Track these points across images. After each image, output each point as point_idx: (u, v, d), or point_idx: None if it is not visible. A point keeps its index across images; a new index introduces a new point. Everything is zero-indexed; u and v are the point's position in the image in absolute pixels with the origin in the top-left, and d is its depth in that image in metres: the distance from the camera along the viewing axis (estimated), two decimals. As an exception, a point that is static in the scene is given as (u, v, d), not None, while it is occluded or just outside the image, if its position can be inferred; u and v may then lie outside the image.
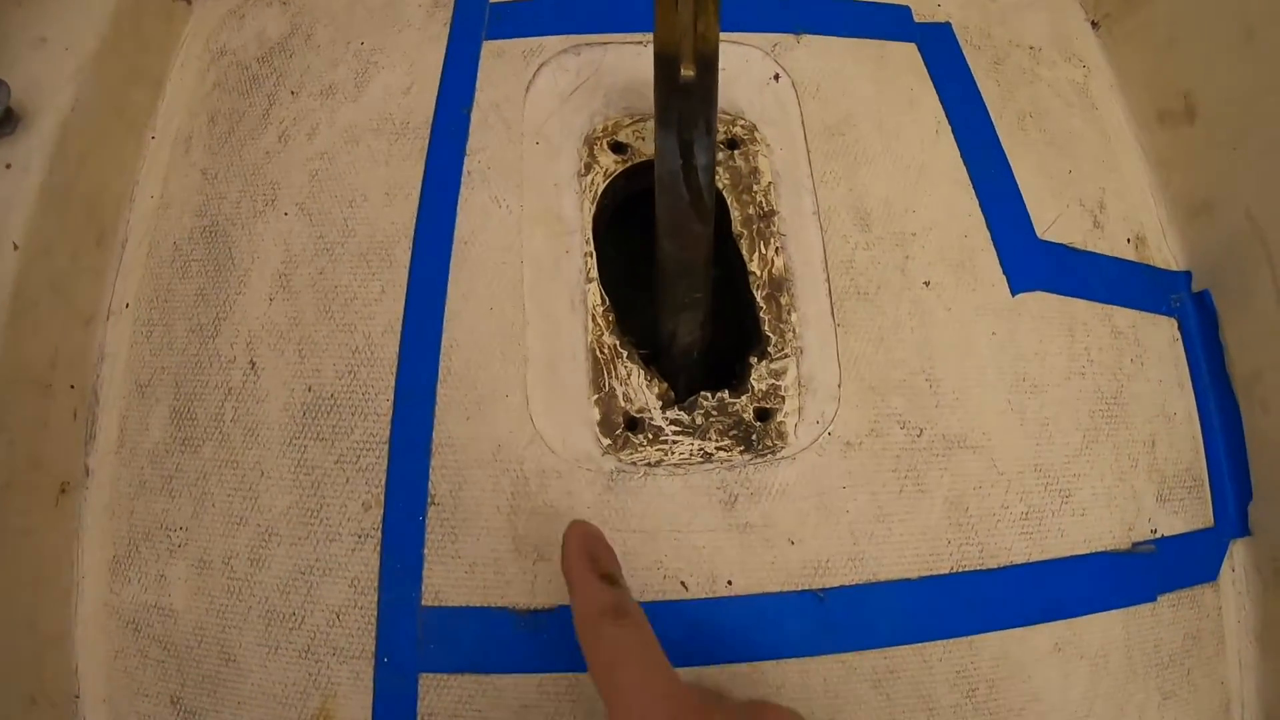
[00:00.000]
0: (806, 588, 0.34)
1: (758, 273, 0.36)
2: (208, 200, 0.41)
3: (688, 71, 0.29)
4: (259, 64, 0.43)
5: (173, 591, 0.36)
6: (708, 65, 0.29)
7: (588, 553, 0.27)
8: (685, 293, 0.34)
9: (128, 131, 0.43)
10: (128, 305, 0.41)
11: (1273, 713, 0.39)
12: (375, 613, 0.33)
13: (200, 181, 0.41)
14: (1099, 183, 0.42)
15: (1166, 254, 0.42)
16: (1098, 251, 0.41)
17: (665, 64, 0.29)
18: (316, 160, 0.40)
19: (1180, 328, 0.41)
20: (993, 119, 0.41)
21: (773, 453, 0.34)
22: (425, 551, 0.34)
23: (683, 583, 0.33)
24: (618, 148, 0.38)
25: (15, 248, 0.36)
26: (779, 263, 0.36)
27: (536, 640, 0.33)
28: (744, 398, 0.35)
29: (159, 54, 0.45)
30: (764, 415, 0.35)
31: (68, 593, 0.37)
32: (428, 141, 0.38)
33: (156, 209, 0.42)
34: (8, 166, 0.37)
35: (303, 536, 0.35)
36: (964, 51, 0.42)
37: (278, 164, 0.40)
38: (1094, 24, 0.47)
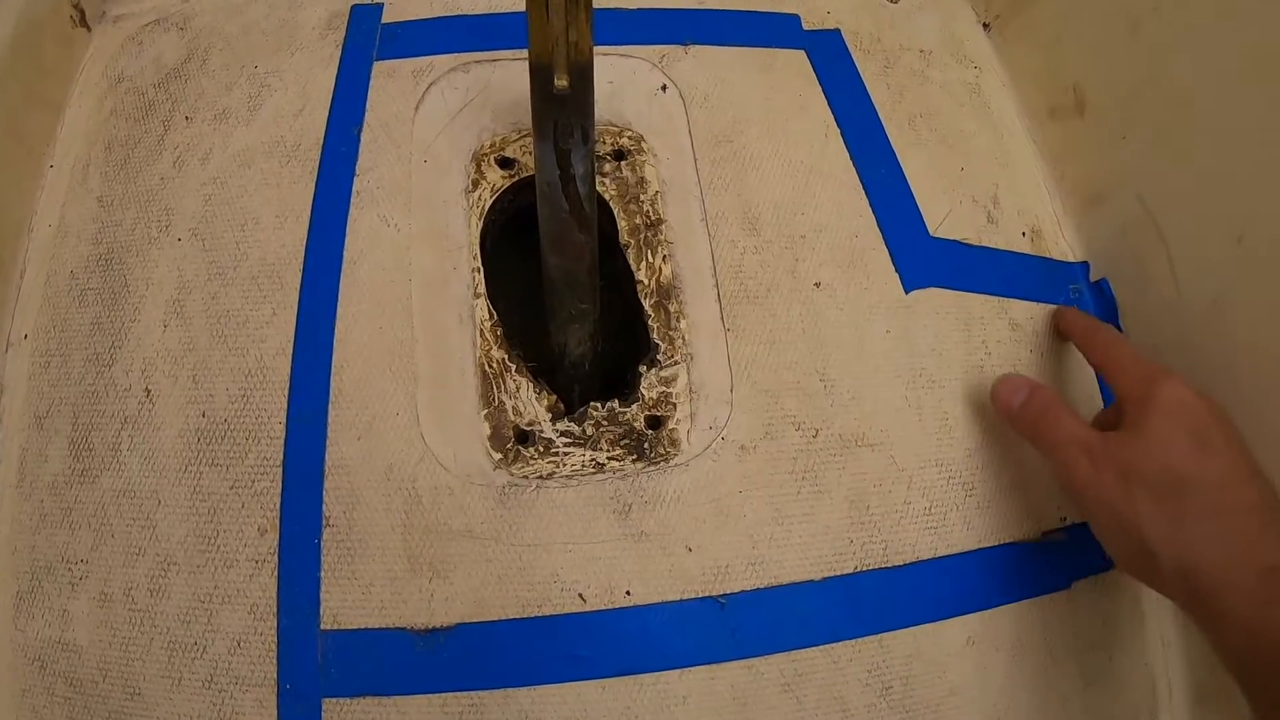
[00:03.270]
0: (706, 594, 0.34)
1: (645, 281, 0.36)
2: (104, 228, 0.40)
3: (561, 81, 0.29)
4: (155, 90, 0.43)
5: (75, 626, 0.35)
6: (582, 75, 0.29)
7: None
8: (572, 304, 0.34)
9: (27, 158, 0.42)
10: (26, 336, 0.40)
11: (1202, 689, 0.39)
12: (275, 639, 0.33)
13: (97, 209, 0.41)
14: (992, 179, 0.42)
15: (1064, 245, 0.43)
16: (993, 246, 0.41)
17: (539, 74, 0.29)
18: (210, 185, 0.39)
19: (1082, 318, 0.42)
20: (882, 121, 0.41)
21: (666, 460, 0.34)
22: (322, 575, 0.33)
23: (580, 595, 0.33)
24: (505, 163, 0.38)
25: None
26: (667, 270, 0.36)
27: (436, 659, 0.33)
28: (634, 406, 0.35)
29: (58, 80, 0.44)
30: (655, 423, 0.35)
31: (-27, 633, 0.37)
32: (318, 163, 0.38)
33: (54, 237, 0.41)
34: (-98, 195, 0.37)
35: (201, 564, 0.34)
36: (854, 57, 0.43)
37: (172, 190, 0.40)
38: (985, 26, 0.48)
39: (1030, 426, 0.35)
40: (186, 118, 0.41)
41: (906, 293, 0.39)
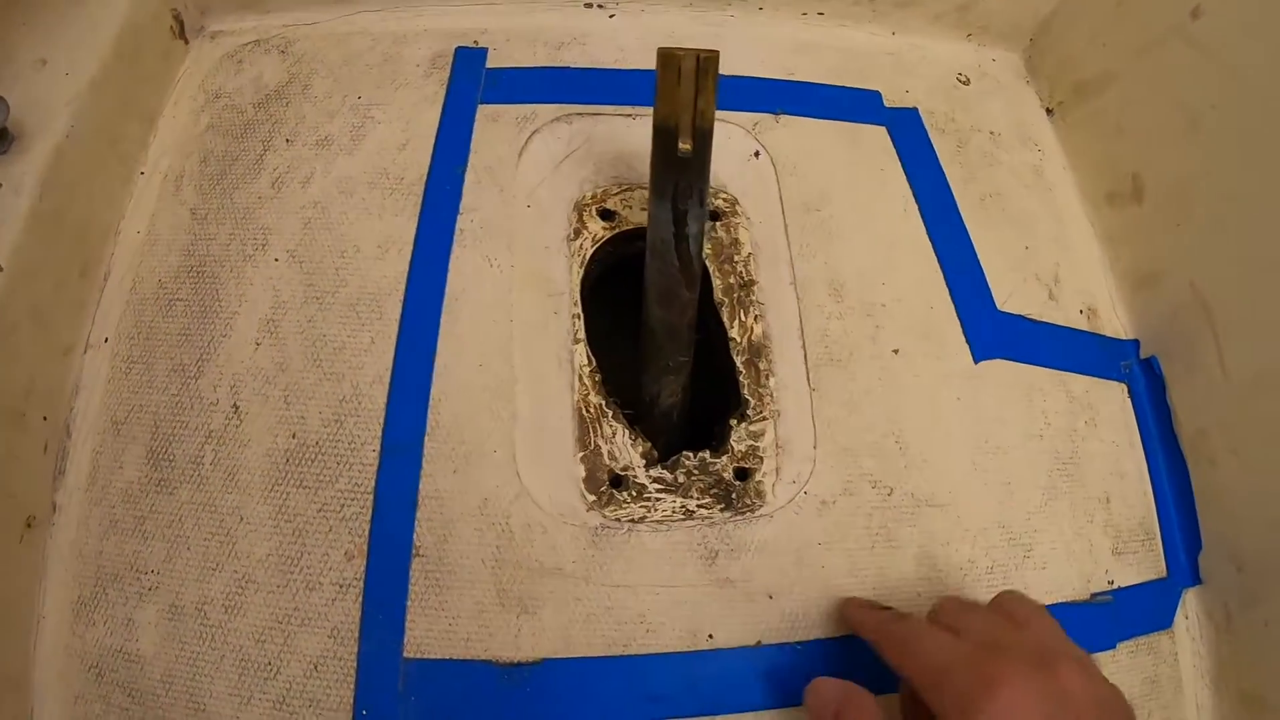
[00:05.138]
0: (784, 640, 0.35)
1: (738, 339, 0.38)
2: (196, 240, 0.41)
3: (685, 145, 0.31)
4: (255, 109, 0.43)
5: (141, 636, 0.35)
6: (704, 140, 0.31)
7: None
8: (670, 356, 0.35)
9: (118, 164, 0.43)
10: (106, 340, 0.40)
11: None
12: (355, 664, 0.33)
13: (189, 221, 0.41)
14: (1054, 258, 0.45)
15: (1116, 324, 0.46)
16: (1053, 322, 0.43)
17: (664, 136, 0.31)
18: (310, 209, 0.40)
19: (1130, 392, 0.44)
20: (956, 198, 0.44)
21: (751, 511, 0.36)
22: (408, 603, 0.34)
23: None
24: (606, 215, 0.39)
25: (0, 269, 0.35)
26: (758, 330, 0.38)
27: (519, 693, 0.33)
28: (724, 458, 0.36)
29: (154, 89, 0.45)
30: (743, 475, 0.36)
31: (27, 633, 0.36)
32: (421, 198, 0.39)
33: (142, 245, 0.42)
34: (-1, 185, 0.37)
35: (281, 585, 0.35)
36: (930, 135, 0.45)
37: (270, 209, 0.41)
38: (1049, 111, 0.51)
39: None
40: (287, 140, 0.42)
41: (976, 363, 0.41)
